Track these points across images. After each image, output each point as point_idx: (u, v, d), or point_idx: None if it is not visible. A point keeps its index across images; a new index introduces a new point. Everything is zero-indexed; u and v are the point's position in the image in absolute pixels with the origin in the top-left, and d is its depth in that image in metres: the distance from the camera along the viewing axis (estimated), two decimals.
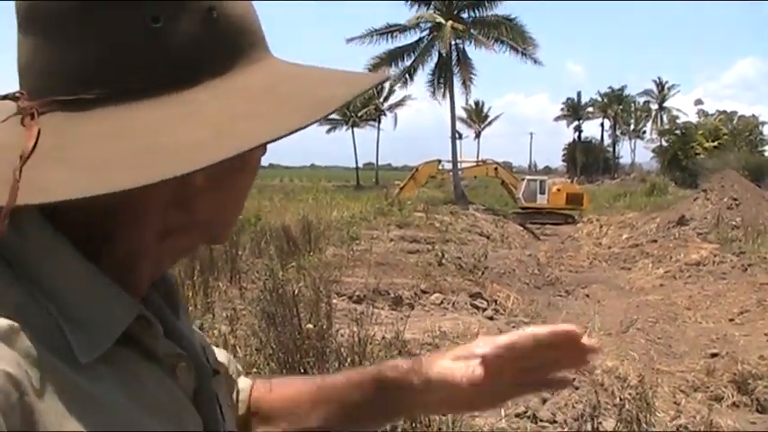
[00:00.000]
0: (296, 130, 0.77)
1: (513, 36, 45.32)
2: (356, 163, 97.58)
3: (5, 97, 0.79)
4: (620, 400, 6.16)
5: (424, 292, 13.12)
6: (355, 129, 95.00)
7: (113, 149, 0.72)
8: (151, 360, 0.85)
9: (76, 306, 0.75)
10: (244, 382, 1.29)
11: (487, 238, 26.67)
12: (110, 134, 0.73)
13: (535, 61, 46.54)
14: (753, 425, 7.94)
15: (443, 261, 17.29)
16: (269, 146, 0.81)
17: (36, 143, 0.72)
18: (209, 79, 0.79)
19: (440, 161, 43.68)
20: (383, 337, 7.47)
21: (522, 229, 32.82)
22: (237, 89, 0.80)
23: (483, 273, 16.99)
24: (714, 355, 10.68)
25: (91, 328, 0.75)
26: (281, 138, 0.76)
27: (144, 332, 0.83)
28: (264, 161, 0.97)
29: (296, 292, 7.14)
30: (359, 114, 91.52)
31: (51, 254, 0.76)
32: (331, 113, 0.82)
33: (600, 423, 4.67)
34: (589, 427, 5.09)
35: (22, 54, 0.80)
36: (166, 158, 0.71)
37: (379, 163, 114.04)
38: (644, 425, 4.88)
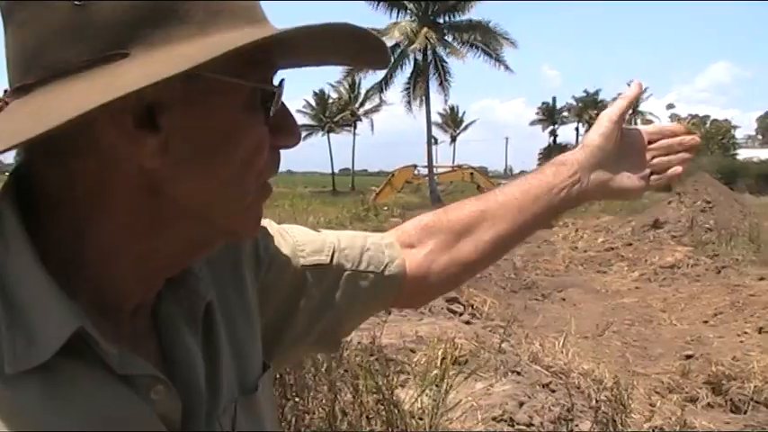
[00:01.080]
0: (190, 67, 0.76)
1: (487, 41, 45.58)
2: (332, 168, 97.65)
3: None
4: (596, 402, 6.19)
5: None
6: (331, 134, 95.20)
7: (19, 118, 0.76)
8: (108, 371, 0.83)
9: (23, 313, 0.77)
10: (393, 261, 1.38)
11: None
12: (51, 100, 0.76)
13: (507, 67, 46.87)
14: (727, 425, 8.01)
15: None
16: None
17: None
18: (141, 51, 0.78)
19: (416, 166, 43.79)
20: (359, 342, 7.48)
21: None
22: (165, 54, 0.78)
23: None
24: (689, 357, 10.76)
25: (31, 339, 0.76)
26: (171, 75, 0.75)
27: (97, 347, 0.82)
28: None
29: None
30: (335, 120, 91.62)
31: (15, 263, 0.78)
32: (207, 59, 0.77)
33: (576, 425, 4.70)
34: (565, 429, 5.11)
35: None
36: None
37: (356, 168, 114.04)
38: (620, 426, 4.92)
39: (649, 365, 10.60)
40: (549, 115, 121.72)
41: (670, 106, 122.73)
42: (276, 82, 0.92)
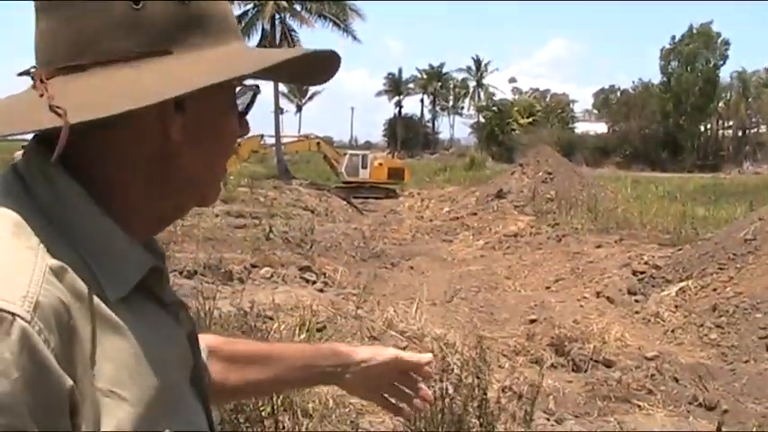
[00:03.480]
0: (237, 76, 1.01)
1: (335, 11, 45.56)
2: None
3: (24, 73, 0.98)
4: (456, 366, 6.43)
5: (253, 266, 13.18)
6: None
7: (92, 94, 0.92)
8: (160, 307, 1.05)
9: (104, 256, 0.95)
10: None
11: (312, 212, 26.82)
12: (92, 86, 0.93)
13: (354, 38, 46.97)
14: (570, 383, 8.42)
15: (271, 236, 17.36)
16: None
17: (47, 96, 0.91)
18: (180, 52, 0.98)
19: (262, 136, 43.23)
20: (227, 311, 7.57)
21: (345, 203, 33.03)
22: (200, 57, 1.00)
23: (311, 246, 17.17)
24: (533, 321, 11.21)
25: (115, 274, 0.95)
26: (224, 80, 0.98)
27: (155, 283, 1.03)
28: None
29: None
30: None
31: (81, 212, 0.96)
32: (263, 69, 1.03)
33: (443, 393, 4.89)
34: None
35: (36, 36, 0.99)
36: (129, 96, 0.91)
37: None
38: (481, 390, 5.14)
39: (496, 330, 10.98)
40: (395, 86, 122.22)
41: (512, 80, 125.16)
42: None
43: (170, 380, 0.99)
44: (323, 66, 1.16)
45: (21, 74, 0.99)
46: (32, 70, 0.97)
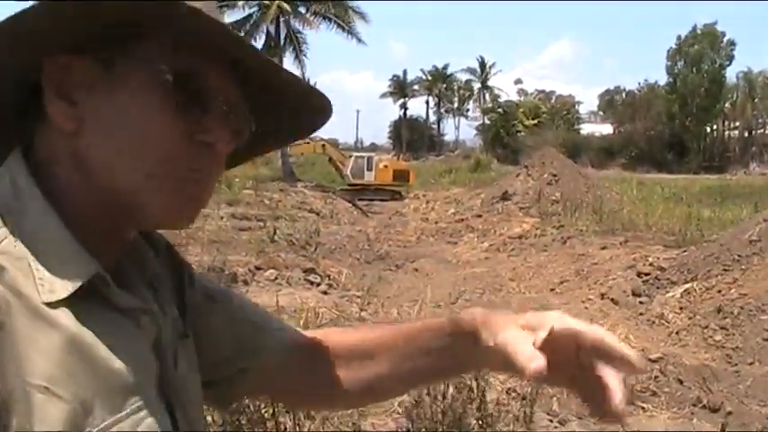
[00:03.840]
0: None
1: (339, 14, 45.60)
2: None
3: None
4: None
5: (258, 268, 13.19)
6: None
7: None
8: (114, 311, 1.02)
9: (47, 257, 0.96)
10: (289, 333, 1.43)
11: (317, 214, 26.83)
12: None
13: (359, 40, 47.01)
14: None
15: (276, 238, 17.39)
16: None
17: None
18: None
19: None
20: None
21: (350, 205, 33.02)
22: None
23: (315, 249, 17.18)
24: None
25: (57, 276, 0.95)
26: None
27: (103, 287, 1.01)
28: None
29: None
30: None
31: (32, 212, 0.98)
32: None
33: (443, 395, 4.90)
34: (426, 393, 5.32)
35: None
36: None
37: None
38: (479, 391, 5.15)
39: None
40: (400, 88, 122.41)
41: (518, 81, 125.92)
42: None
43: (119, 381, 0.97)
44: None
45: None
46: None
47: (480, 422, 4.55)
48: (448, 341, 1.27)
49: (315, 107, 1.19)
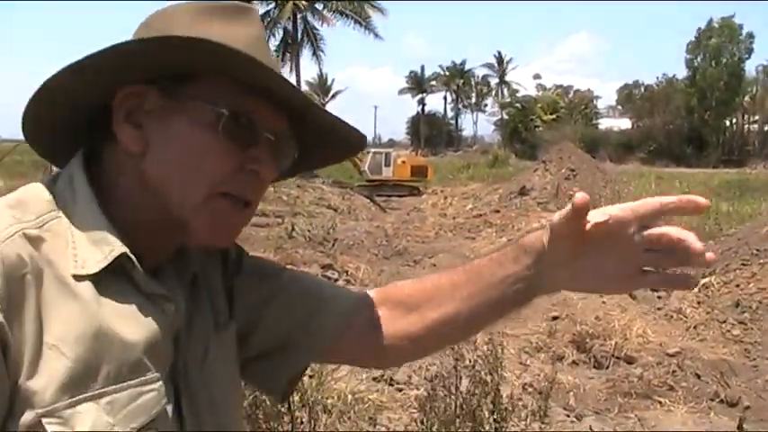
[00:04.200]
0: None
1: (357, 9, 45.59)
2: None
3: None
4: (470, 362, 6.45)
5: None
6: None
7: None
8: (138, 292, 1.15)
9: (84, 237, 1.11)
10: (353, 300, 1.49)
11: (335, 210, 26.87)
12: None
13: (376, 35, 46.95)
14: (591, 379, 8.42)
15: (293, 234, 17.43)
16: None
17: None
18: None
19: None
20: None
21: (368, 201, 33.02)
22: None
23: (333, 244, 17.20)
24: (555, 318, 11.19)
25: (89, 254, 1.10)
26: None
27: (130, 269, 1.14)
28: None
29: None
30: None
31: (79, 201, 1.15)
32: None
33: (456, 386, 4.93)
34: (442, 387, 5.34)
35: None
36: None
37: None
38: (494, 385, 5.16)
39: (518, 327, 10.96)
40: (418, 84, 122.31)
41: (537, 76, 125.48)
42: None
43: (125, 356, 1.08)
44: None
45: None
46: None
47: (495, 416, 4.57)
48: (512, 267, 1.33)
49: (351, 145, 1.38)
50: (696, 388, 8.13)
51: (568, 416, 7.17)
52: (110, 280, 1.10)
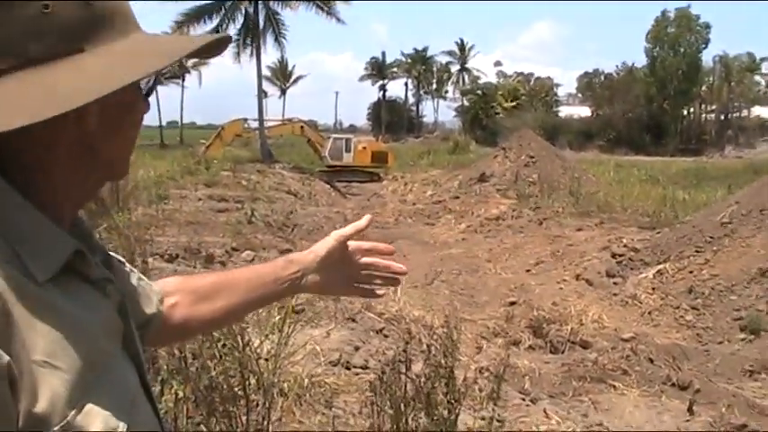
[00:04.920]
0: (147, 75, 1.10)
1: None
2: (160, 121, 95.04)
3: None
4: (427, 346, 6.51)
5: (234, 249, 13.25)
6: (158, 86, 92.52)
7: (11, 100, 0.99)
8: (87, 283, 1.13)
9: (30, 243, 1.04)
10: (157, 286, 1.60)
11: (295, 195, 26.86)
12: (14, 90, 1.00)
13: (338, 20, 46.71)
14: (546, 364, 8.54)
15: (253, 219, 17.41)
16: None
17: None
18: (91, 48, 1.06)
19: (245, 120, 43.08)
20: None
21: (328, 186, 33.03)
22: (111, 52, 1.08)
23: (292, 230, 17.24)
24: (512, 303, 11.34)
25: (42, 258, 1.04)
26: (142, 78, 1.09)
27: (80, 262, 1.11)
28: None
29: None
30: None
31: (7, 205, 1.04)
32: (172, 62, 1.13)
33: (407, 368, 4.98)
34: (398, 371, 5.40)
35: None
36: (54, 101, 0.99)
37: (184, 121, 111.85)
38: (447, 368, 5.21)
39: (476, 312, 11.08)
40: (379, 70, 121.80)
41: (497, 64, 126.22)
42: None
43: (97, 346, 1.08)
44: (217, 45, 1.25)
45: None
46: None
47: (448, 397, 4.62)
48: (282, 272, 1.73)
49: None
50: (649, 372, 8.27)
51: (524, 399, 7.26)
52: (64, 277, 1.07)
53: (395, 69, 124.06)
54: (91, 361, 1.05)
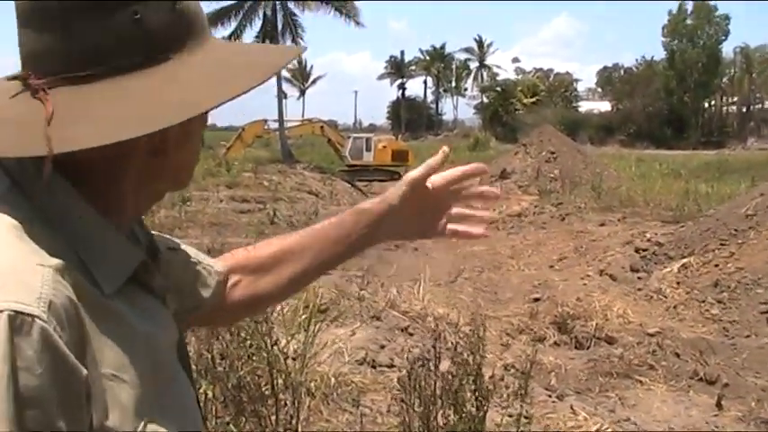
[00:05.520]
0: (251, 88, 1.07)
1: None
2: None
3: (15, 77, 1.05)
4: (452, 344, 6.51)
5: None
6: None
7: (118, 109, 0.99)
8: (149, 293, 1.13)
9: (98, 254, 1.03)
10: (220, 265, 1.55)
11: (316, 195, 26.90)
12: (112, 98, 0.99)
13: (357, 23, 46.74)
14: (572, 360, 8.50)
15: (275, 219, 17.46)
16: None
17: (53, 110, 0.97)
18: (177, 56, 1.06)
19: (266, 121, 43.13)
20: None
21: (349, 186, 33.05)
22: (200, 62, 1.08)
23: None
24: (536, 300, 11.29)
25: (109, 268, 1.04)
26: (240, 95, 1.05)
27: (143, 273, 1.11)
28: None
29: None
30: None
31: (76, 214, 1.04)
32: (272, 76, 1.13)
33: (436, 366, 4.98)
34: (425, 368, 5.40)
35: (25, 43, 1.04)
36: (162, 112, 0.99)
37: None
38: (475, 365, 5.21)
39: (500, 309, 11.04)
40: (398, 69, 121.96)
41: (515, 60, 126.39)
42: None
43: (162, 359, 1.09)
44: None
45: (11, 78, 1.05)
46: (31, 79, 1.01)
47: (476, 395, 4.62)
48: (351, 227, 1.62)
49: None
50: (676, 367, 8.22)
51: (550, 396, 7.24)
52: (129, 288, 1.07)
53: (413, 67, 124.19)
54: (155, 373, 1.05)
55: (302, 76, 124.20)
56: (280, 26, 45.10)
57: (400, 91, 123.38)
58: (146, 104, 1.00)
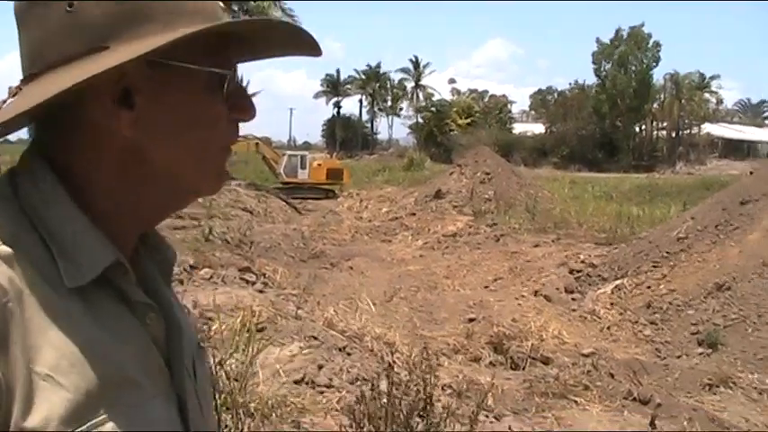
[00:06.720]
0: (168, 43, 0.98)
1: (270, 14, 45.35)
2: None
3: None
4: (389, 364, 6.50)
5: (193, 267, 13.10)
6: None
7: (40, 90, 0.98)
8: (123, 303, 1.06)
9: (69, 245, 0.99)
10: None
11: (251, 213, 26.66)
12: (45, 84, 0.99)
13: None
14: (508, 380, 8.54)
15: (210, 237, 17.27)
16: None
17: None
18: (117, 46, 0.99)
19: None
20: None
21: (284, 203, 32.89)
22: (143, 45, 0.98)
23: (250, 247, 17.10)
24: (472, 320, 11.33)
25: (78, 263, 0.99)
26: (150, 52, 0.97)
27: (120, 277, 1.05)
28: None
29: None
30: None
31: (54, 205, 1.01)
32: (212, 26, 1.01)
33: (374, 385, 4.97)
34: (363, 388, 5.38)
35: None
36: (61, 77, 0.97)
37: None
38: (421, 391, 5.20)
39: (435, 329, 11.07)
40: (334, 87, 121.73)
41: (451, 81, 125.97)
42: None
43: (119, 373, 0.99)
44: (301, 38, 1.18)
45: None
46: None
47: (426, 421, 4.62)
48: None
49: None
50: (610, 387, 8.32)
51: (487, 416, 7.25)
52: (96, 291, 1.01)
53: (349, 86, 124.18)
54: (104, 385, 0.96)
55: None
56: None
57: (336, 109, 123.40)
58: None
